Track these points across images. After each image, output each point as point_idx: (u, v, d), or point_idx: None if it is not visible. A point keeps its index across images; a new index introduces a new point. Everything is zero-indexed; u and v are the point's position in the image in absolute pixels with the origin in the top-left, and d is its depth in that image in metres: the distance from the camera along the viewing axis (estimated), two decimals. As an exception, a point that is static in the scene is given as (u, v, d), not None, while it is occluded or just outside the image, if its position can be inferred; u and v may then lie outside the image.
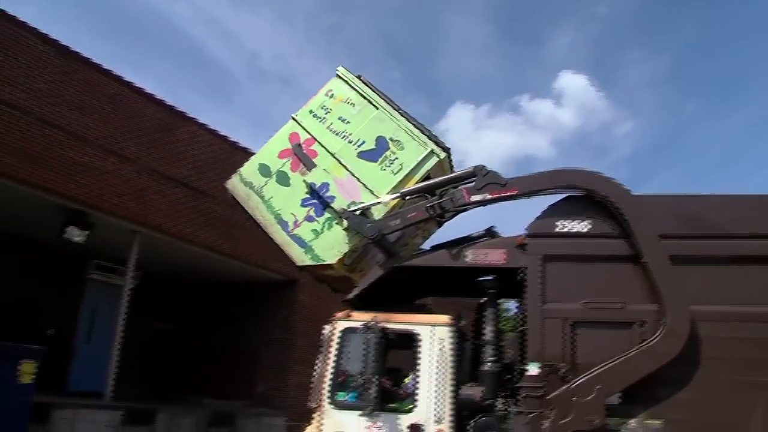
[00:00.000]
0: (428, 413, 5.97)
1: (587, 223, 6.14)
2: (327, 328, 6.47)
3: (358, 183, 7.01)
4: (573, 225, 6.17)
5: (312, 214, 7.05)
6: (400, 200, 6.87)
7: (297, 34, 73.22)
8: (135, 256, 12.03)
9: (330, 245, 6.86)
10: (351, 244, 6.79)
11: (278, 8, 70.64)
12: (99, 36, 58.03)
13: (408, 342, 6.26)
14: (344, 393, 6.25)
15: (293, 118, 7.69)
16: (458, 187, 6.58)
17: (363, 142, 7.24)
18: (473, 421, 5.93)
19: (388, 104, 7.40)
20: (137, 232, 11.81)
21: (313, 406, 6.24)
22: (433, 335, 6.19)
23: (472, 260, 6.39)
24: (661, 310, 5.76)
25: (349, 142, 7.28)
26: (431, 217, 6.66)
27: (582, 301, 5.95)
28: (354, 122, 7.40)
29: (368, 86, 7.59)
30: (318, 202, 7.07)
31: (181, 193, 12.04)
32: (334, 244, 6.85)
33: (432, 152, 7.08)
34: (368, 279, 6.80)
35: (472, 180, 6.54)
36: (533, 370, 5.87)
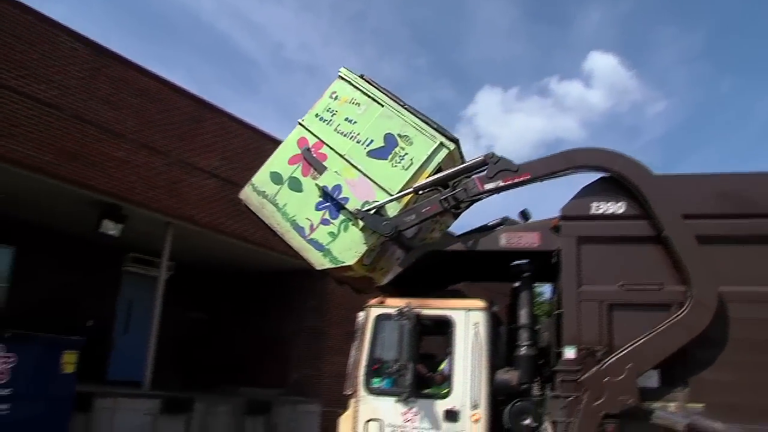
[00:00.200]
0: (464, 398, 5.96)
1: (622, 204, 6.04)
2: (361, 315, 6.49)
3: (370, 182, 6.99)
4: (608, 206, 6.07)
5: (327, 217, 7.05)
6: (414, 195, 6.85)
7: (321, 23, 73.20)
8: (169, 248, 12.18)
9: (348, 246, 6.86)
10: (368, 244, 6.78)
11: (302, -2, 70.70)
12: (128, 33, 58.81)
13: (442, 327, 6.26)
14: (379, 379, 6.28)
15: (300, 124, 7.73)
16: (471, 177, 6.55)
17: (371, 141, 7.22)
18: (509, 406, 5.92)
19: (393, 100, 7.37)
20: (170, 224, 11.94)
21: (349, 393, 6.28)
22: (468, 320, 6.17)
23: (506, 244, 6.33)
24: (688, 285, 5.65)
25: (358, 142, 7.27)
26: (446, 210, 6.62)
27: (619, 283, 5.87)
28: (361, 122, 7.39)
29: (372, 84, 7.57)
30: (332, 205, 7.06)
31: (212, 184, 12.15)
32: (352, 245, 6.84)
33: (441, 144, 7.04)
34: (401, 265, 6.81)
35: (484, 169, 6.50)
36: (570, 354, 5.81)
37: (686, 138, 73.66)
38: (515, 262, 6.58)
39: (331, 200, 7.06)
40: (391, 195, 6.81)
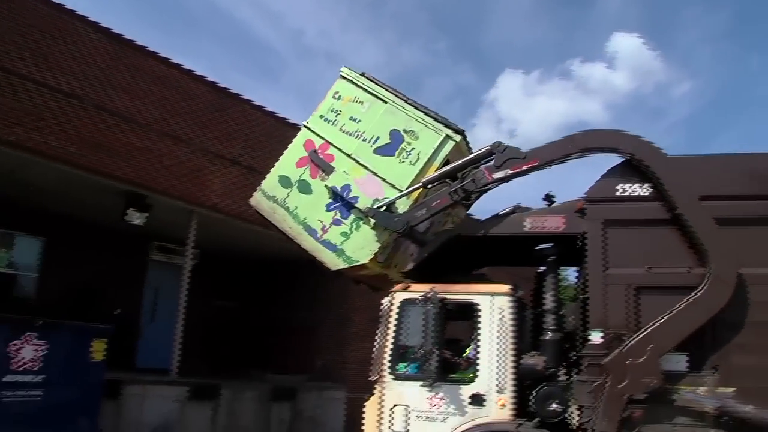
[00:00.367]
0: (490, 383, 5.95)
1: (648, 186, 5.96)
2: (386, 301, 6.49)
3: (379, 179, 7.00)
4: (634, 188, 6.00)
5: (338, 218, 7.08)
6: (423, 190, 6.83)
7: (341, 9, 72.98)
8: (193, 236, 12.24)
9: (361, 245, 6.88)
10: (381, 241, 6.80)
11: (321, -16, 70.44)
12: (148, 24, 59.18)
13: (467, 312, 6.25)
14: (405, 365, 6.29)
15: (305, 126, 7.76)
16: (479, 168, 6.53)
17: (377, 138, 7.22)
18: (536, 391, 5.89)
19: (396, 96, 7.36)
20: (194, 212, 12.01)
21: (375, 379, 6.29)
22: (493, 304, 6.15)
23: (530, 228, 6.29)
24: (706, 262, 5.58)
25: (364, 141, 7.27)
26: (456, 202, 6.61)
27: (646, 267, 5.80)
28: (365, 120, 7.38)
29: (374, 82, 7.56)
30: (342, 205, 7.09)
31: (235, 172, 12.17)
32: (365, 244, 6.86)
33: (447, 137, 7.01)
34: (426, 250, 6.80)
35: (492, 158, 6.48)
36: (596, 338, 5.77)
37: (712, 119, 72.43)
38: (540, 246, 6.52)
39: (341, 200, 7.09)
40: (401, 191, 6.82)
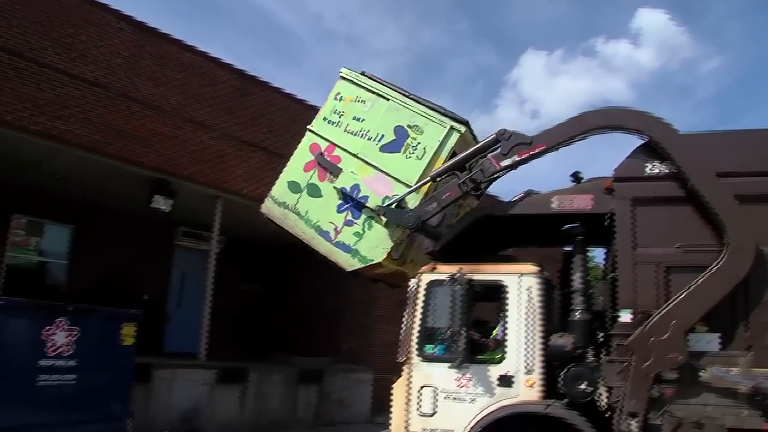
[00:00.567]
0: (518, 363, 5.93)
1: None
2: (412, 282, 6.48)
3: (388, 177, 7.00)
4: (663, 166, 5.90)
5: (350, 218, 7.09)
6: (433, 184, 6.81)
7: (360, -7, 72.42)
8: (218, 222, 12.33)
9: (375, 244, 6.89)
10: (394, 238, 6.81)
11: (339, -33, 70.02)
12: (172, 13, 59.48)
13: (495, 293, 6.22)
14: (432, 346, 6.29)
15: (309, 130, 7.77)
16: (486, 157, 6.50)
17: (382, 136, 7.22)
18: (564, 371, 5.85)
19: (398, 92, 7.33)
20: (218, 198, 12.09)
21: (402, 360, 6.30)
22: (521, 285, 6.11)
23: (558, 207, 6.23)
24: (723, 233, 5.50)
25: (369, 139, 7.27)
26: (466, 193, 6.59)
27: (676, 245, 5.72)
28: (369, 118, 7.38)
29: (374, 80, 7.55)
30: (353, 205, 7.10)
31: (259, 157, 12.20)
32: (379, 242, 6.87)
33: (452, 128, 7.00)
34: (452, 231, 6.77)
35: (498, 146, 6.45)
36: (626, 318, 5.71)
37: (741, 96, 70.92)
38: (567, 226, 6.45)
39: (352, 201, 7.10)
40: (410, 187, 6.82)
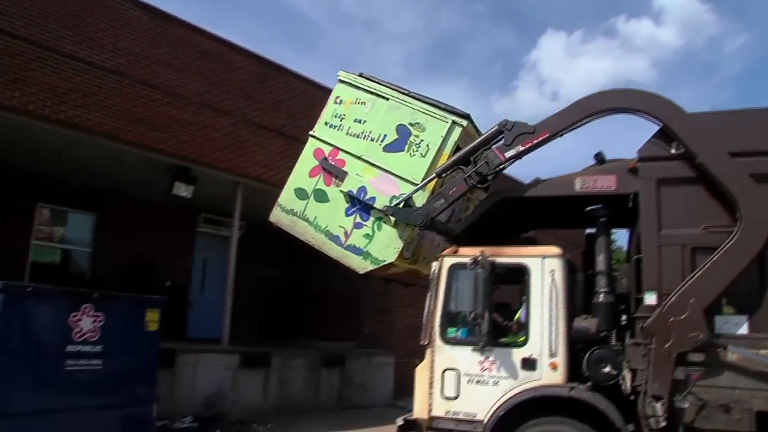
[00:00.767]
0: (542, 346, 5.90)
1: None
2: (434, 265, 6.47)
3: (393, 177, 7.00)
4: (688, 145, 5.79)
5: (359, 221, 7.09)
6: (438, 180, 6.79)
7: (376, -24, 71.92)
8: (239, 207, 12.37)
9: (385, 245, 6.89)
10: (405, 237, 6.80)
11: (355, -50, 69.50)
12: (188, 0, 59.25)
13: (517, 275, 6.18)
14: (455, 329, 6.28)
15: (311, 135, 7.77)
16: (490, 149, 6.47)
17: (385, 136, 7.21)
18: (588, 354, 5.80)
19: (397, 91, 7.30)
20: (239, 183, 12.13)
21: (425, 343, 6.29)
22: (544, 267, 6.07)
23: (581, 188, 6.17)
24: (737, 208, 5.43)
25: (372, 140, 7.26)
26: (472, 187, 6.56)
27: (702, 226, 5.63)
28: (370, 120, 7.38)
29: (372, 80, 7.53)
30: (361, 208, 7.10)
31: (279, 143, 12.21)
32: (389, 243, 6.87)
33: (454, 123, 6.97)
34: (474, 213, 6.74)
35: (501, 137, 6.42)
36: (651, 300, 5.66)
37: (767, 74, 69.40)
38: (590, 207, 6.38)
39: (359, 203, 7.11)
40: (416, 185, 6.80)
